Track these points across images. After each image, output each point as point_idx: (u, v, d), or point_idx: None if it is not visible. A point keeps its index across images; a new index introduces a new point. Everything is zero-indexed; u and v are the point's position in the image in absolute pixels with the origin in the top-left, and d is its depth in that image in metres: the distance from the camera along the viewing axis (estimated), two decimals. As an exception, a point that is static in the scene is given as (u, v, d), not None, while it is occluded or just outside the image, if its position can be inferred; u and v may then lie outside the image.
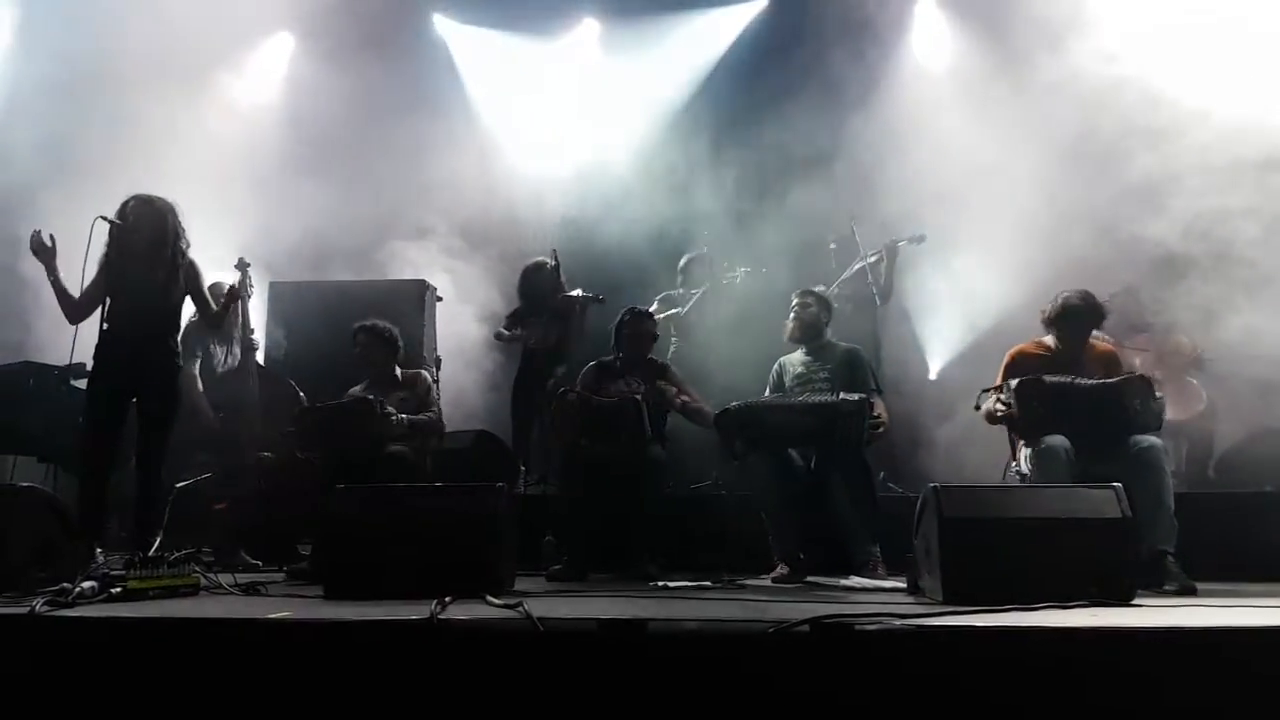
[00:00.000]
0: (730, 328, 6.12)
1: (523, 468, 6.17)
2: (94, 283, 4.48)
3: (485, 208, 8.12)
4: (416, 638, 2.50)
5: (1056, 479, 3.91)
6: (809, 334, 4.97)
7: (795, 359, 4.99)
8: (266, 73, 8.39)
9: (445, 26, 8.73)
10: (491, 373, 6.99)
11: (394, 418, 4.86)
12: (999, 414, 4.37)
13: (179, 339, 4.73)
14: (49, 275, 4.41)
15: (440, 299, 7.16)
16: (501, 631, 2.52)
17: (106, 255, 4.48)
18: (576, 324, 6.28)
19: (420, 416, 5.08)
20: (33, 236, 4.35)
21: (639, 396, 4.70)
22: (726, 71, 8.39)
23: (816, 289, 5.47)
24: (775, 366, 5.04)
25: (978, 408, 4.58)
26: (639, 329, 5.15)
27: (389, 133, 8.05)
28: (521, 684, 2.42)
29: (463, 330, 7.20)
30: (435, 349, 6.79)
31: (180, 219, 4.64)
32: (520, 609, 2.60)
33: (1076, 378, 4.24)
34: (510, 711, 2.40)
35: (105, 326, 4.46)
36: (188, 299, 4.73)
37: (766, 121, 7.67)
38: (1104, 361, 4.49)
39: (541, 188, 8.12)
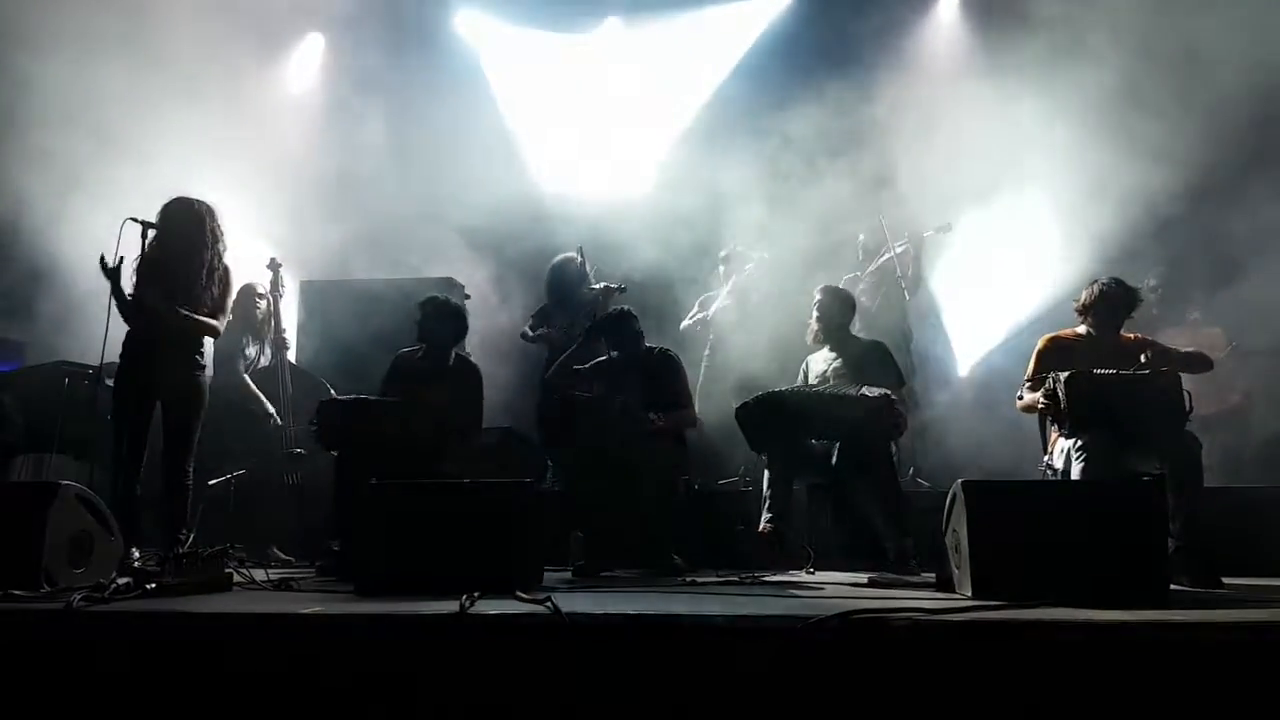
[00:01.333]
0: (758, 325, 6.12)
1: (550, 464, 6.19)
2: (137, 285, 4.53)
3: (513, 204, 8.14)
4: (446, 632, 2.52)
5: (1102, 474, 3.87)
6: (829, 332, 4.94)
7: (819, 356, 4.98)
8: (298, 73, 8.49)
9: (471, 24, 8.77)
10: (520, 369, 7.02)
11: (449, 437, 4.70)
12: (1041, 406, 4.32)
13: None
14: (113, 290, 4.45)
15: (468, 296, 7.19)
16: (530, 626, 2.53)
17: (143, 256, 4.53)
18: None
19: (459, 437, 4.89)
20: (100, 261, 4.41)
21: (620, 402, 4.69)
22: (752, 65, 8.35)
23: (847, 277, 5.44)
24: (803, 365, 5.03)
25: (1021, 397, 4.55)
26: (620, 333, 5.06)
27: (416, 131, 8.12)
28: (550, 679, 2.43)
29: (490, 327, 7.23)
30: (464, 346, 6.82)
31: (219, 221, 4.68)
32: (549, 604, 2.61)
33: (1119, 370, 4.19)
34: (540, 706, 2.41)
35: (139, 324, 4.52)
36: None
37: (792, 113, 7.62)
38: (1141, 349, 4.42)
39: (568, 183, 8.15)
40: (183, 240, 4.55)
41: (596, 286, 6.31)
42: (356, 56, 8.54)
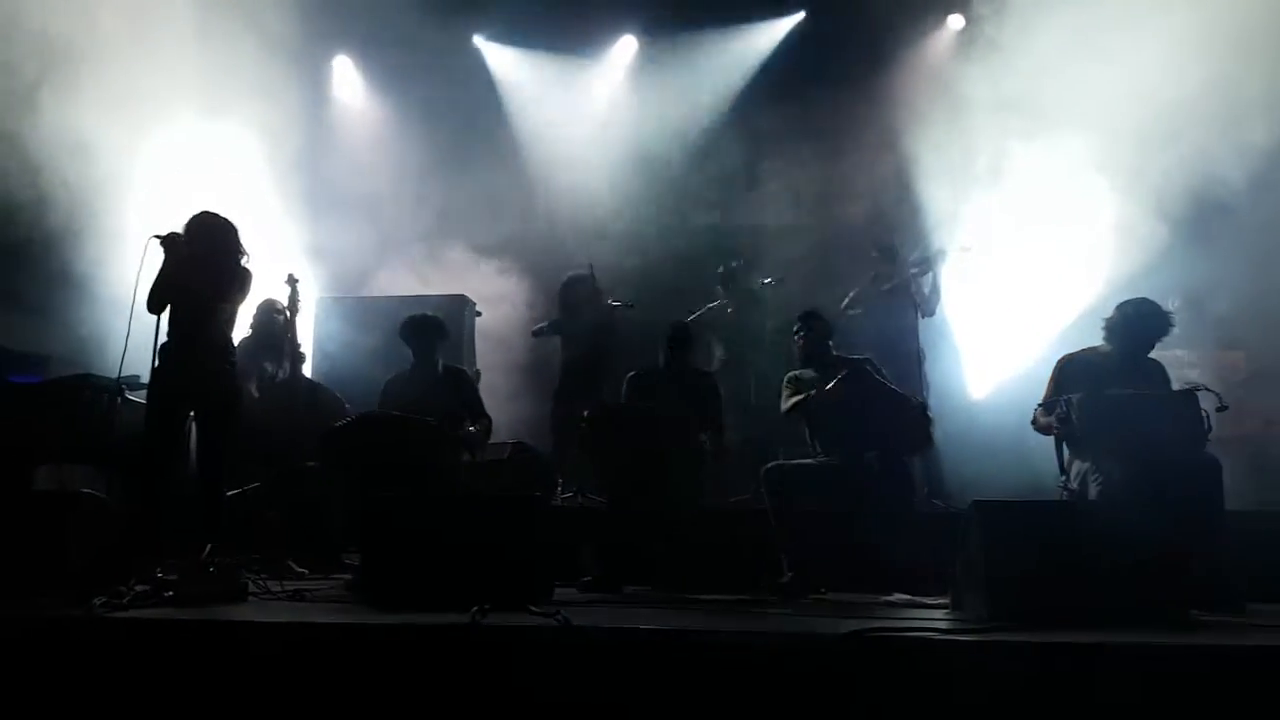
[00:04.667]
0: (766, 338, 6.15)
1: (560, 480, 6.20)
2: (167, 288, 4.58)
3: (525, 222, 8.23)
4: (457, 644, 2.53)
5: (1119, 496, 3.84)
6: (815, 356, 4.96)
7: (806, 375, 4.95)
8: (321, 93, 8.59)
9: (485, 48, 8.86)
10: (531, 385, 7.05)
11: (465, 448, 4.77)
12: (1056, 428, 4.31)
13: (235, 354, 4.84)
14: (164, 266, 4.47)
15: (479, 314, 7.25)
16: (540, 639, 2.53)
17: (166, 267, 4.56)
18: (612, 332, 6.34)
19: (476, 433, 4.99)
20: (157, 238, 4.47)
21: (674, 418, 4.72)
22: (765, 84, 8.36)
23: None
24: (788, 380, 4.97)
25: (1035, 422, 4.53)
26: (685, 343, 5.16)
27: (431, 151, 8.21)
28: (560, 691, 2.43)
29: (502, 344, 7.28)
30: (475, 362, 6.87)
31: (239, 236, 4.75)
32: (559, 617, 2.61)
33: (1135, 390, 4.18)
34: (549, 718, 2.41)
35: (165, 341, 4.58)
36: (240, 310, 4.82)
37: (805, 132, 7.67)
38: (1154, 374, 4.42)
39: (580, 201, 8.20)
40: (206, 251, 4.60)
41: (615, 304, 6.36)
42: (378, 78, 8.68)
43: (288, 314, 5.79)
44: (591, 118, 8.54)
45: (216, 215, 4.70)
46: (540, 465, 6.24)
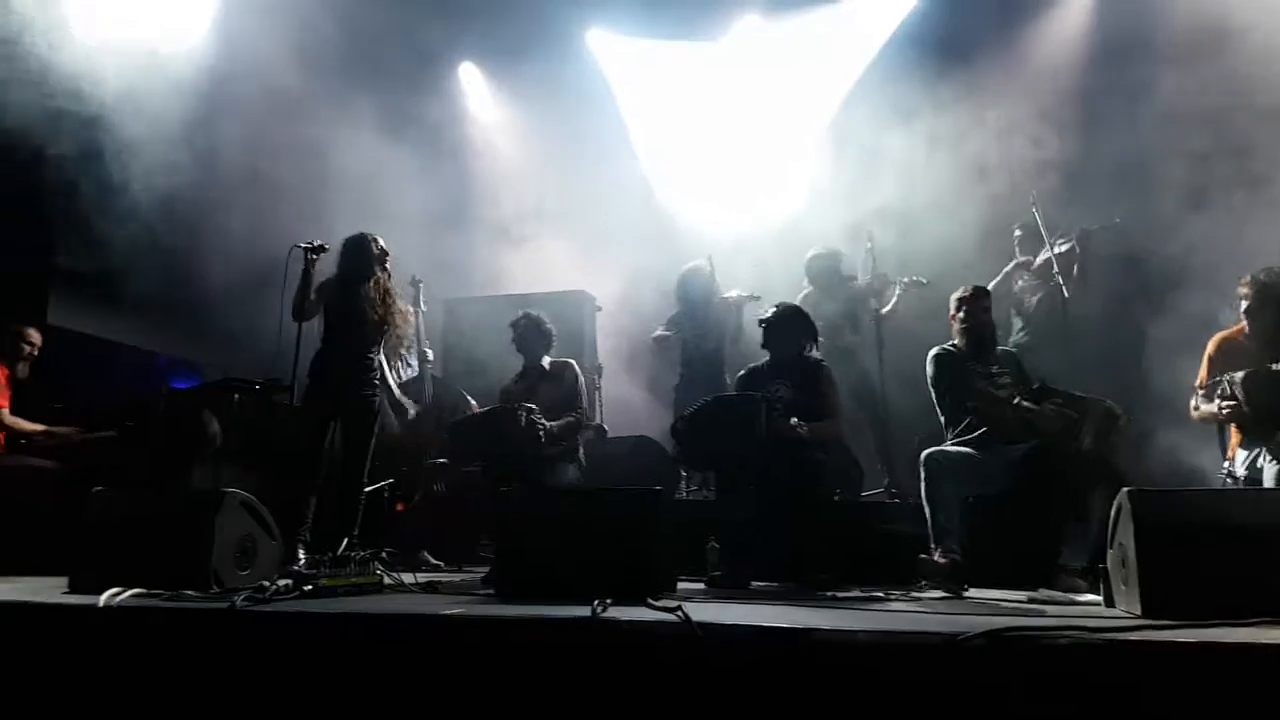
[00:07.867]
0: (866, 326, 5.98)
1: (684, 474, 6.17)
2: (315, 300, 4.97)
3: (645, 216, 8.23)
4: (577, 637, 2.53)
5: None
6: (975, 336, 4.65)
7: (958, 360, 4.66)
8: (444, 99, 8.83)
9: (601, 41, 8.88)
10: (653, 378, 7.05)
11: (539, 426, 4.87)
12: (1224, 413, 4.00)
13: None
14: (304, 275, 4.90)
15: (600, 308, 7.31)
16: (660, 634, 2.50)
17: (307, 276, 4.91)
18: (734, 324, 6.25)
19: (561, 421, 5.09)
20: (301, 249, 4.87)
21: (762, 395, 4.56)
22: (893, 57, 8.06)
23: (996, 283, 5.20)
24: (943, 357, 4.67)
25: (1197, 408, 4.23)
26: (782, 329, 4.92)
27: (551, 149, 8.31)
28: (679, 688, 2.40)
29: (624, 337, 7.31)
30: (597, 357, 6.94)
31: (382, 246, 5.08)
32: (679, 613, 2.57)
33: None
34: (668, 715, 2.38)
35: (322, 347, 4.93)
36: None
37: (938, 107, 7.35)
38: None
39: (701, 192, 8.13)
40: (354, 266, 5.02)
41: (729, 295, 6.26)
42: (500, 80, 8.86)
43: (412, 315, 6.00)
44: (712, 102, 8.43)
45: (362, 235, 5.04)
46: (664, 459, 6.24)
